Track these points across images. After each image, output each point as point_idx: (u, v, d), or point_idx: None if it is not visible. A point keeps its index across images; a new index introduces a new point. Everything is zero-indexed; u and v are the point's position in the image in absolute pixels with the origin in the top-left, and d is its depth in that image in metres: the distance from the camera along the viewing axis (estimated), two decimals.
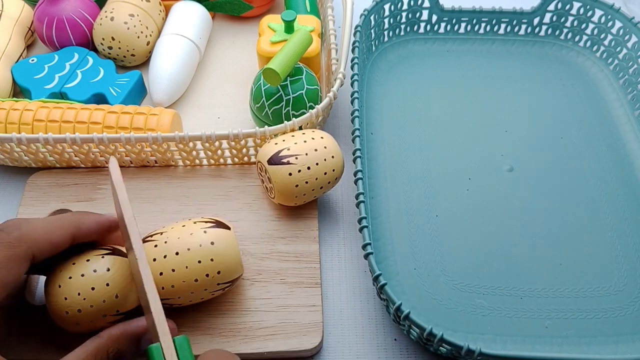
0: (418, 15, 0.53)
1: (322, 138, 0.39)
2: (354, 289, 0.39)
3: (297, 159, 0.37)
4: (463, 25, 0.54)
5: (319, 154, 0.38)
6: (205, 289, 0.32)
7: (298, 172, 0.37)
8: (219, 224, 0.34)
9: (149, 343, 0.31)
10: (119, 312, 0.31)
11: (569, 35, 0.54)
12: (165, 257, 0.31)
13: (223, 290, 0.34)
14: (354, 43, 0.45)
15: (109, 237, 0.33)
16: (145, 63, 0.52)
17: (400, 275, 0.38)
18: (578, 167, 0.45)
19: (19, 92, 0.49)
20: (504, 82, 0.51)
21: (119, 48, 0.49)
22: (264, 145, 0.39)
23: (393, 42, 0.54)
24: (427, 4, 0.52)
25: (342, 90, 0.48)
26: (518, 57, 0.53)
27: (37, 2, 0.51)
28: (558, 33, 0.54)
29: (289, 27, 0.45)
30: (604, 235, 0.41)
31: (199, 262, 0.32)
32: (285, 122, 0.39)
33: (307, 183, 0.38)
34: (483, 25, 0.54)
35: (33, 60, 0.48)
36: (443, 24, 0.54)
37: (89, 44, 0.51)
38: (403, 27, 0.54)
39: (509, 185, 0.43)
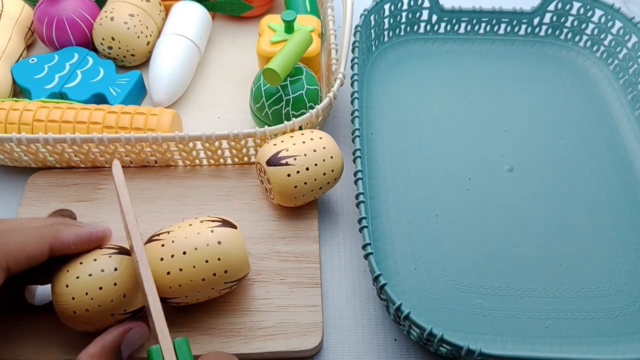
0: (418, 15, 0.53)
1: (321, 139, 0.39)
2: (354, 289, 0.39)
3: (295, 160, 0.37)
4: (463, 25, 0.54)
5: (318, 155, 0.38)
6: (212, 288, 0.32)
7: (297, 173, 0.37)
8: (226, 223, 0.34)
9: (130, 349, 0.31)
10: (127, 311, 0.31)
11: (569, 35, 0.54)
12: (173, 256, 0.31)
13: (230, 289, 0.34)
14: (354, 43, 0.45)
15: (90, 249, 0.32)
16: (145, 63, 0.52)
17: (400, 275, 0.38)
18: (578, 167, 0.45)
19: (19, 92, 0.49)
20: (504, 82, 0.51)
21: (119, 48, 0.49)
22: (263, 146, 0.39)
23: (393, 42, 0.54)
24: (427, 4, 0.52)
25: (342, 90, 0.48)
26: (518, 57, 0.53)
27: (37, 2, 0.51)
28: (558, 33, 0.54)
29: (289, 27, 0.45)
30: (604, 235, 0.41)
31: (206, 261, 0.32)
32: (285, 122, 0.39)
33: (306, 184, 0.38)
34: (483, 25, 0.54)
35: (33, 60, 0.48)
36: (443, 24, 0.54)
37: (89, 44, 0.51)
38: (403, 27, 0.54)
39: (509, 185, 0.43)
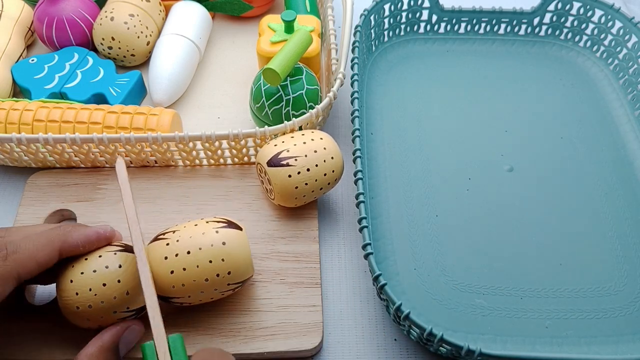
0: (418, 15, 0.53)
1: (321, 139, 0.39)
2: (354, 289, 0.39)
3: (296, 161, 0.37)
4: (463, 25, 0.54)
5: (319, 156, 0.38)
6: (216, 289, 0.32)
7: (298, 174, 0.37)
8: (231, 224, 0.33)
9: (127, 348, 0.31)
10: (130, 308, 0.31)
11: (569, 35, 0.54)
12: (177, 255, 0.31)
13: (233, 291, 0.34)
14: (354, 43, 0.45)
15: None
16: (145, 63, 0.52)
17: (400, 275, 0.38)
18: (578, 167, 0.45)
19: (19, 92, 0.49)
20: (504, 82, 0.51)
21: (119, 48, 0.49)
22: (264, 147, 0.39)
23: (393, 42, 0.54)
24: (427, 4, 0.52)
25: (342, 90, 0.48)
26: (518, 57, 0.53)
27: (37, 2, 0.51)
28: (558, 33, 0.54)
29: (289, 27, 0.45)
30: (604, 235, 0.41)
31: (210, 261, 0.32)
32: (285, 122, 0.39)
33: (306, 185, 0.38)
34: (483, 25, 0.54)
35: (33, 60, 0.48)
36: (443, 24, 0.54)
37: (89, 44, 0.51)
38: (403, 27, 0.54)
39: (509, 185, 0.43)
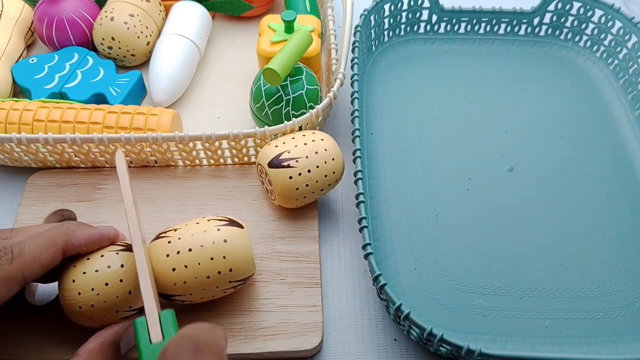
0: (418, 15, 0.53)
1: (322, 140, 0.39)
2: (354, 289, 0.39)
3: (297, 162, 0.37)
4: (463, 25, 0.54)
5: (320, 157, 0.38)
6: (217, 287, 0.33)
7: (299, 175, 0.37)
8: (233, 222, 0.34)
9: (128, 346, 0.31)
10: (132, 308, 0.31)
11: (569, 35, 0.54)
12: (178, 253, 0.32)
13: (234, 289, 0.34)
14: (354, 43, 0.45)
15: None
16: (145, 63, 0.52)
17: (400, 275, 0.38)
18: (578, 167, 0.45)
19: (19, 92, 0.49)
20: (504, 82, 0.51)
21: (119, 48, 0.49)
22: (264, 148, 0.39)
23: (393, 42, 0.54)
24: (427, 4, 0.52)
25: (342, 90, 0.48)
26: (518, 57, 0.53)
27: (37, 2, 0.51)
28: (558, 33, 0.54)
29: (289, 27, 0.45)
30: (604, 235, 0.41)
31: (212, 259, 0.32)
32: (285, 122, 0.39)
33: (307, 186, 0.38)
34: (483, 25, 0.54)
35: (33, 60, 0.48)
36: (443, 24, 0.54)
37: (89, 44, 0.51)
38: (403, 27, 0.54)
39: (509, 185, 0.43)
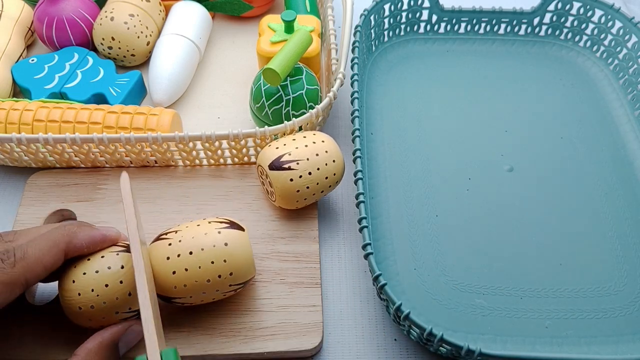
0: (418, 15, 0.53)
1: (323, 142, 0.39)
2: (354, 289, 0.39)
3: (298, 165, 0.37)
4: (463, 25, 0.54)
5: (320, 159, 0.38)
6: (217, 290, 0.32)
7: (299, 177, 0.37)
8: (234, 225, 0.33)
9: (127, 347, 0.31)
10: (131, 309, 0.31)
11: (569, 35, 0.54)
12: (179, 256, 0.31)
13: (235, 292, 0.34)
14: (354, 43, 0.45)
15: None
16: (145, 63, 0.52)
17: (400, 275, 0.38)
18: (578, 167, 0.45)
19: (19, 92, 0.49)
20: (504, 82, 0.51)
21: (119, 48, 0.49)
22: (265, 149, 0.39)
23: (393, 42, 0.54)
24: (427, 4, 0.52)
25: (342, 90, 0.48)
26: (518, 57, 0.53)
27: (37, 2, 0.51)
28: (558, 33, 0.54)
29: (289, 27, 0.45)
30: (604, 235, 0.41)
31: (212, 262, 0.32)
32: (285, 122, 0.39)
33: (308, 188, 0.38)
34: (483, 25, 0.54)
35: (33, 60, 0.48)
36: (443, 24, 0.54)
37: (89, 44, 0.51)
38: (403, 27, 0.54)
39: (509, 185, 0.43)
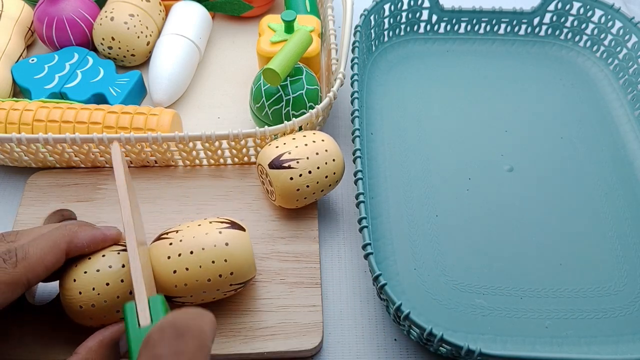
0: (418, 15, 0.53)
1: (323, 141, 0.39)
2: (354, 289, 0.39)
3: (298, 163, 0.37)
4: (463, 25, 0.54)
5: (320, 158, 0.38)
6: (218, 289, 0.32)
7: (299, 176, 0.37)
8: (234, 225, 0.33)
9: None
10: None
11: (569, 35, 0.54)
12: (180, 255, 0.32)
13: (235, 291, 0.34)
14: (354, 43, 0.45)
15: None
16: (145, 63, 0.52)
17: (400, 275, 0.38)
18: (578, 167, 0.45)
19: (19, 92, 0.49)
20: (504, 82, 0.51)
21: (119, 48, 0.49)
22: (265, 148, 0.39)
23: (393, 42, 0.54)
24: (427, 4, 0.52)
25: (342, 90, 0.48)
26: (518, 57, 0.53)
27: (37, 2, 0.51)
28: (558, 33, 0.54)
29: (289, 27, 0.45)
30: (604, 235, 0.41)
31: (213, 262, 0.32)
32: (285, 122, 0.39)
33: (308, 187, 0.38)
34: (483, 25, 0.54)
35: (33, 60, 0.48)
36: (443, 24, 0.54)
37: (89, 44, 0.51)
38: (403, 27, 0.54)
39: (509, 185, 0.43)
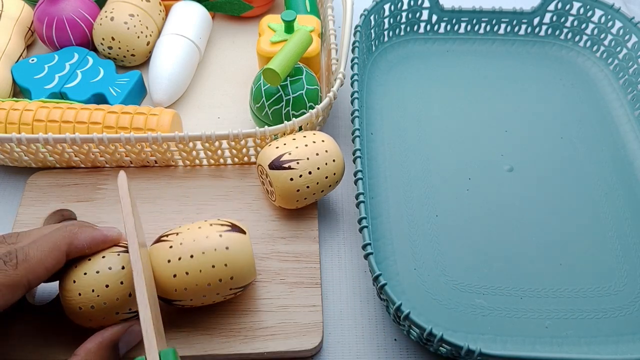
0: (418, 15, 0.53)
1: (323, 141, 0.39)
2: (354, 289, 0.39)
3: (298, 164, 0.37)
4: (463, 25, 0.54)
5: (320, 158, 0.38)
6: (218, 293, 0.32)
7: (299, 177, 0.37)
8: (235, 228, 0.33)
9: (127, 347, 0.31)
10: (132, 310, 0.31)
11: (569, 35, 0.54)
12: (180, 259, 0.31)
13: (235, 295, 0.34)
14: (354, 43, 0.45)
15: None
16: (145, 63, 0.52)
17: (400, 275, 0.38)
18: (578, 167, 0.45)
19: (19, 92, 0.49)
20: (504, 82, 0.51)
21: (119, 48, 0.49)
22: (265, 148, 0.39)
23: (393, 42, 0.54)
24: (427, 4, 0.52)
25: (342, 90, 0.48)
26: (518, 57, 0.53)
27: (37, 2, 0.51)
28: (558, 33, 0.54)
29: (289, 27, 0.45)
30: (604, 235, 0.41)
31: (213, 266, 0.31)
32: (285, 122, 0.39)
33: (308, 187, 0.38)
34: (483, 25, 0.54)
35: (33, 60, 0.48)
36: (443, 24, 0.54)
37: (89, 44, 0.51)
38: (403, 27, 0.54)
39: (509, 185, 0.43)
